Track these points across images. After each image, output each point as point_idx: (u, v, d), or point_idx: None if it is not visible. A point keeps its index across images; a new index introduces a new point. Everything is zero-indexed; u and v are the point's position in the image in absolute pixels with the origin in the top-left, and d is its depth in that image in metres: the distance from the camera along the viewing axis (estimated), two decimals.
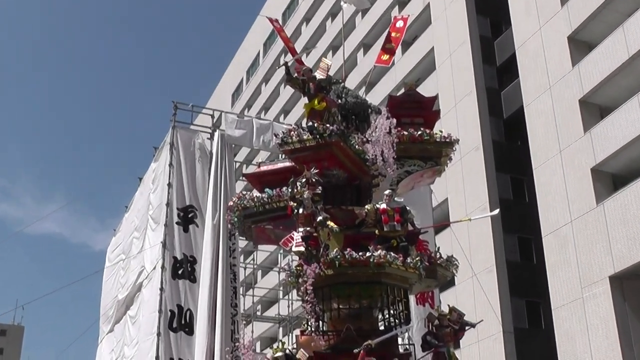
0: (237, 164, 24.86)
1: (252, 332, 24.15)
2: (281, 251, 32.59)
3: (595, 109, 30.39)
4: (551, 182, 30.87)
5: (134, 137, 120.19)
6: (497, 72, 37.96)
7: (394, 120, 12.99)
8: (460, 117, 36.25)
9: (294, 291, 28.33)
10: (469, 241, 32.09)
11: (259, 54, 64.70)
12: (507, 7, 35.71)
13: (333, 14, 52.62)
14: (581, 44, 31.37)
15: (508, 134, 36.85)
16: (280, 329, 33.80)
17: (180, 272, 19.85)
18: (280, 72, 57.80)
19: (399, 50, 42.67)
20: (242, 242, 26.82)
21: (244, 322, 21.28)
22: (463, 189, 35.33)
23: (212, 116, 22.28)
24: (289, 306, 27.16)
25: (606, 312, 27.04)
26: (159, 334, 19.02)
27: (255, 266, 29.53)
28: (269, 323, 35.56)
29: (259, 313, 33.32)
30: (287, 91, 56.31)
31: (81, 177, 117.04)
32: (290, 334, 25.41)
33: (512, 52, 35.48)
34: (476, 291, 30.54)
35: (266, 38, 62.99)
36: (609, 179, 29.42)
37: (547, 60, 32.23)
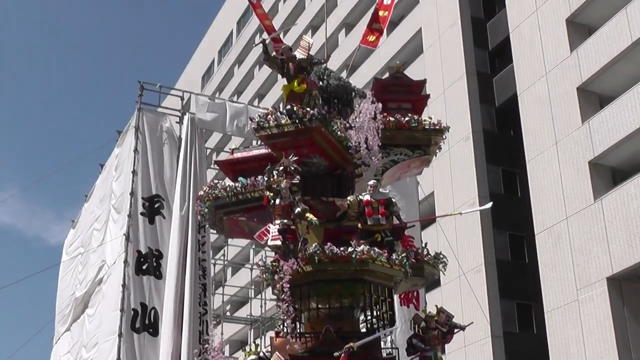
0: (208, 151, 24.70)
1: (222, 333, 24.01)
2: (253, 246, 32.48)
3: (594, 97, 30.55)
4: (546, 176, 31.00)
5: (96, 120, 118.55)
6: (489, 56, 38.07)
7: (380, 105, 12.94)
8: (449, 105, 36.30)
9: (268, 290, 28.30)
10: (457, 238, 32.19)
11: (231, 33, 64.49)
12: None
13: None
14: (580, 28, 31.53)
15: (500, 123, 36.98)
16: (252, 330, 33.70)
17: (144, 267, 19.67)
18: (255, 53, 58.52)
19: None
20: (212, 237, 26.77)
21: (214, 322, 21.13)
22: (451, 181, 35.42)
23: (182, 98, 22.07)
24: (261, 306, 27.10)
25: (603, 316, 27.22)
26: (120, 335, 18.83)
27: (225, 262, 29.39)
28: (239, 324, 35.49)
29: (229, 313, 33.20)
30: (262, 73, 56.14)
31: (35, 163, 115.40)
32: (263, 337, 25.35)
33: (505, 35, 35.56)
34: (463, 292, 30.69)
35: (240, 16, 62.79)
36: (608, 173, 29.61)
37: (544, 45, 32.34)
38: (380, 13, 14.86)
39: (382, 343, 13.13)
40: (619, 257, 27.03)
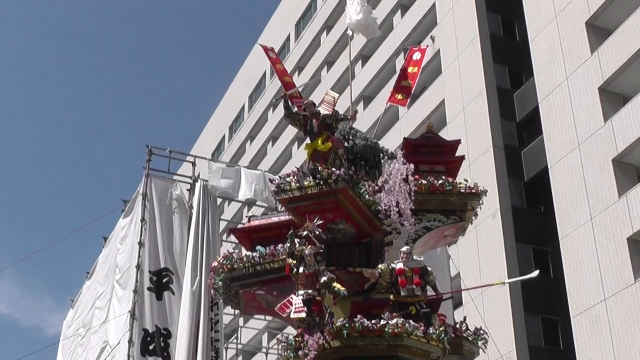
0: (222, 224, 24.18)
1: None
2: (267, 331, 31.68)
3: (631, 170, 30.02)
4: (581, 254, 30.24)
5: (99, 190, 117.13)
6: (517, 128, 37.66)
7: (412, 166, 12.50)
8: (474, 179, 35.55)
9: None
10: (485, 323, 31.25)
11: (243, 107, 64.59)
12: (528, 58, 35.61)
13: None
14: (614, 96, 31.15)
15: (529, 198, 36.36)
16: None
17: (151, 347, 19.06)
18: (268, 128, 58.40)
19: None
20: (224, 319, 26.00)
21: None
22: (478, 261, 34.66)
23: (193, 164, 21.71)
24: None
25: None
26: None
27: (238, 347, 28.59)
28: None
29: None
30: (275, 150, 56.00)
31: (32, 240, 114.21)
32: None
33: (534, 105, 35.20)
34: None
35: (252, 90, 62.96)
36: None
37: (575, 114, 31.94)
38: (410, 69, 14.49)
39: None
40: None
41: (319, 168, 11.86)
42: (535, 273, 13.96)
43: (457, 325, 11.99)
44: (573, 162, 31.55)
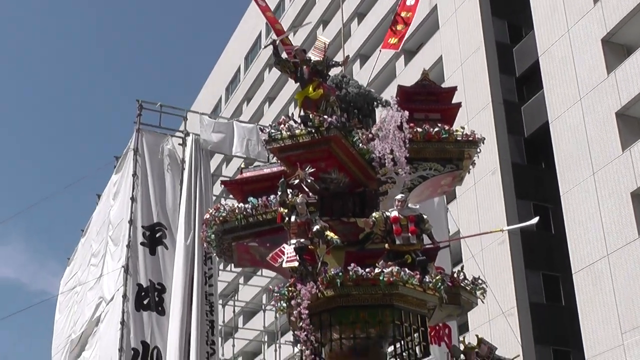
0: (214, 178, 23.97)
1: None
2: (268, 288, 31.58)
3: (635, 123, 29.81)
4: (583, 210, 30.13)
5: (93, 147, 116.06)
6: (517, 84, 37.43)
7: (406, 113, 12.27)
8: None
9: (282, 337, 27.43)
10: (485, 280, 31.21)
11: (239, 68, 64.24)
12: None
13: None
14: (618, 48, 30.89)
15: (530, 154, 36.22)
16: None
17: (145, 302, 19.00)
18: (265, 89, 58.12)
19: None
20: (222, 285, 25.92)
21: None
22: (477, 219, 34.55)
23: (185, 118, 21.47)
24: (275, 350, 26.18)
25: None
26: None
27: (235, 306, 28.53)
28: None
29: (240, 358, 32.35)
30: (272, 110, 55.73)
31: (23, 201, 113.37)
32: None
33: (534, 59, 34.93)
34: (494, 338, 29.64)
35: (248, 51, 62.58)
36: None
37: (577, 68, 31.67)
38: (403, 14, 14.21)
39: None
40: None
41: (311, 115, 11.62)
42: (535, 220, 13.74)
43: (455, 275, 11.81)
44: (575, 116, 31.33)
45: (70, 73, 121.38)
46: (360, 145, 12.04)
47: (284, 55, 12.84)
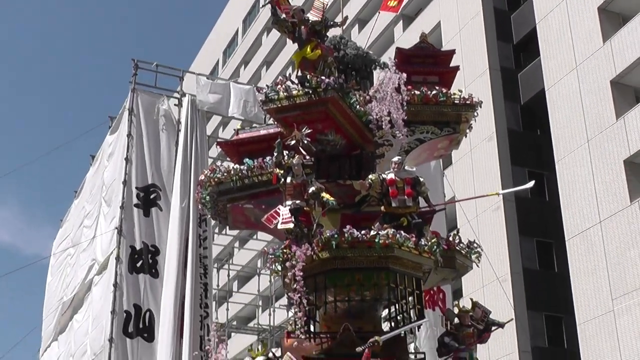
0: (210, 141, 23.68)
1: (226, 344, 23.06)
2: (264, 251, 31.49)
3: (629, 91, 29.65)
4: (577, 177, 30.01)
5: (88, 107, 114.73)
6: (514, 51, 37.15)
7: (404, 75, 12.06)
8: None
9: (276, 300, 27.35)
10: (479, 246, 31.17)
11: (237, 32, 63.70)
12: None
13: None
14: (614, 16, 30.65)
15: (526, 121, 36.03)
16: (260, 343, 32.75)
17: (139, 264, 18.82)
18: (263, 52, 57.58)
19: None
20: (217, 249, 25.47)
21: (217, 331, 20.25)
22: (473, 185, 34.40)
23: (181, 78, 21.18)
24: (270, 315, 26.10)
25: None
26: (111, 340, 17.92)
27: (229, 270, 28.39)
28: (246, 334, 34.51)
29: (234, 323, 32.30)
30: (270, 74, 55.32)
31: (17, 161, 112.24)
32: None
33: (531, 27, 34.66)
34: (488, 301, 29.60)
35: (246, 14, 62.02)
36: None
37: (574, 36, 31.42)
38: None
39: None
40: None
41: (308, 76, 11.40)
42: (531, 184, 13.63)
43: (450, 239, 11.67)
44: (570, 84, 31.11)
45: (64, 30, 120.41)
46: (358, 107, 11.86)
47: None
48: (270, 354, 10.36)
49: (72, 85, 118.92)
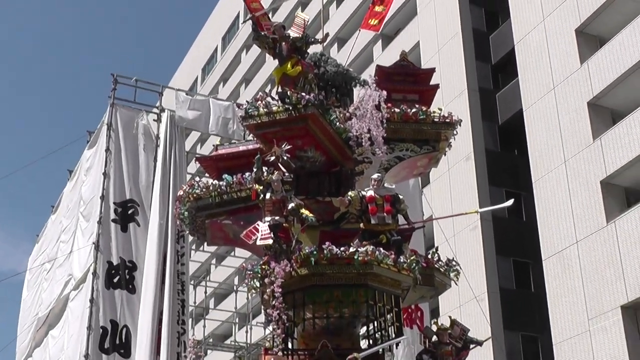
0: (189, 157, 23.64)
1: None
2: (241, 269, 31.37)
3: (606, 113, 29.73)
4: (554, 197, 30.11)
5: (66, 122, 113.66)
6: (492, 71, 37.32)
7: (384, 93, 12.07)
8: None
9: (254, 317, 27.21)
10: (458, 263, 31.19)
11: (216, 49, 63.70)
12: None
13: None
14: (591, 39, 30.82)
15: (504, 142, 36.15)
16: None
17: (115, 280, 18.68)
18: (242, 70, 57.55)
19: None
20: (194, 266, 25.23)
21: (194, 347, 20.10)
22: (450, 204, 34.44)
23: (160, 93, 21.12)
24: (247, 332, 25.95)
25: (617, 348, 26.20)
26: (87, 356, 17.78)
27: (206, 287, 28.26)
28: (222, 352, 34.38)
29: (211, 340, 32.11)
30: (249, 92, 55.29)
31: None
32: None
33: (510, 47, 34.85)
34: (464, 324, 29.59)
35: (225, 31, 62.05)
36: (622, 193, 28.70)
37: (551, 57, 31.58)
38: None
39: None
40: (634, 284, 26.04)
41: (288, 92, 11.40)
42: (510, 202, 13.62)
43: (429, 256, 11.65)
44: (548, 105, 31.26)
45: (44, 44, 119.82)
46: (338, 124, 11.87)
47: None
48: None
49: (50, 100, 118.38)
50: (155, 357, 17.67)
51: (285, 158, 10.79)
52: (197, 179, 12.81)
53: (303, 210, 10.44)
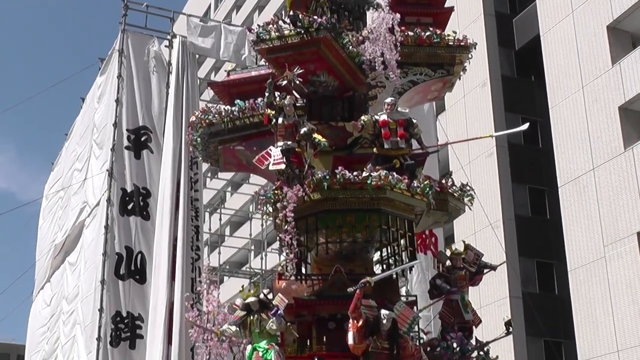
0: (199, 81, 23.45)
1: (218, 287, 23.09)
2: (256, 197, 31.47)
3: (626, 37, 29.40)
4: (571, 124, 29.91)
5: (78, 49, 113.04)
6: None
7: (398, 16, 11.88)
8: None
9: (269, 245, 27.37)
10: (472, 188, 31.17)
11: None
12: None
13: None
14: None
15: (520, 67, 35.82)
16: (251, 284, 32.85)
17: (130, 207, 18.71)
18: None
19: None
20: (210, 194, 25.19)
21: (207, 275, 20.26)
22: (466, 131, 34.25)
23: (172, 19, 20.92)
24: (262, 259, 26.13)
25: (633, 274, 26.27)
26: (103, 282, 17.92)
27: (222, 215, 28.37)
28: (238, 278, 34.68)
29: (227, 267, 32.35)
30: (262, 20, 54.75)
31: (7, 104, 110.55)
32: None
33: None
34: (480, 250, 29.68)
35: None
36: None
37: None
38: None
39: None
40: None
41: (300, 16, 11.25)
42: (525, 126, 13.53)
43: (443, 181, 11.61)
44: (566, 29, 30.84)
45: None
46: (350, 47, 11.70)
47: None
48: (262, 295, 10.28)
49: (62, 27, 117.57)
50: (171, 283, 17.78)
51: (297, 82, 10.71)
52: (210, 105, 12.71)
53: (315, 135, 10.38)
